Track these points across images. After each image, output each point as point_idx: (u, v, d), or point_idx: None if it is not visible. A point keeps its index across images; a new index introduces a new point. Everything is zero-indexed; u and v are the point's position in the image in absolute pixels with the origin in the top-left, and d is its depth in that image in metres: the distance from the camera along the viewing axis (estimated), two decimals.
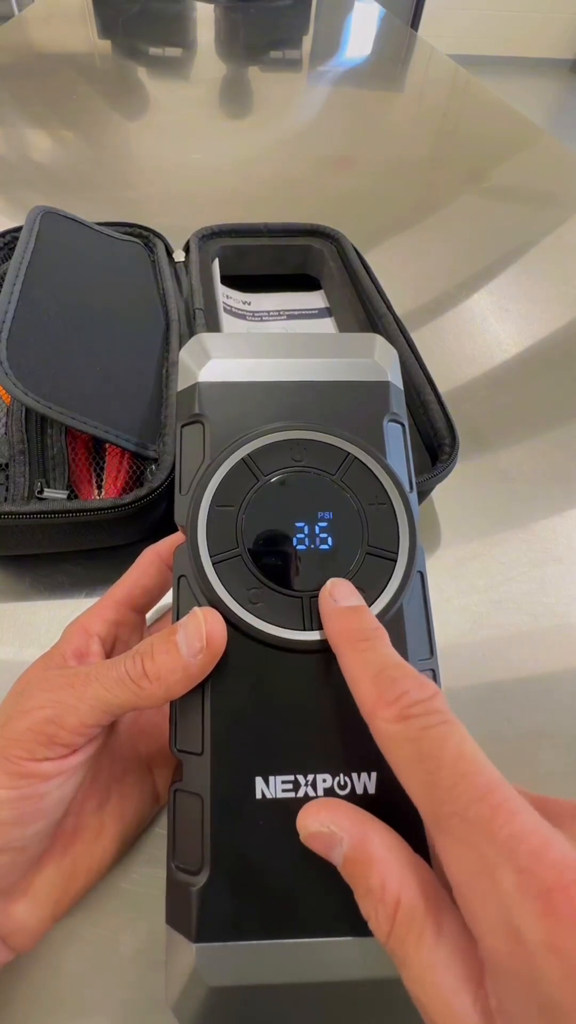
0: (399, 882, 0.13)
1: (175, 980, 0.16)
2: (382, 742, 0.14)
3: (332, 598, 0.18)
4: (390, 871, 0.14)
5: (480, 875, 0.12)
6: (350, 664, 0.16)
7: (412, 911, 0.13)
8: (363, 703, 0.15)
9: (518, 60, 3.49)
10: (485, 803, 0.12)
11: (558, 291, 0.56)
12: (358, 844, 0.14)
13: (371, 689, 0.15)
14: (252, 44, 1.26)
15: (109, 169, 0.72)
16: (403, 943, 0.13)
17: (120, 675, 0.17)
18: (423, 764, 0.13)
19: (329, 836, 0.14)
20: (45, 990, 0.20)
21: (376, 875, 0.14)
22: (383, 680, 0.15)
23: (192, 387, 0.21)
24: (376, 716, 0.14)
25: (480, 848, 0.12)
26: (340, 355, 0.22)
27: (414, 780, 0.13)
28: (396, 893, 0.13)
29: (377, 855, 0.14)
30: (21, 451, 0.32)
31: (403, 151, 0.84)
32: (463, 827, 0.12)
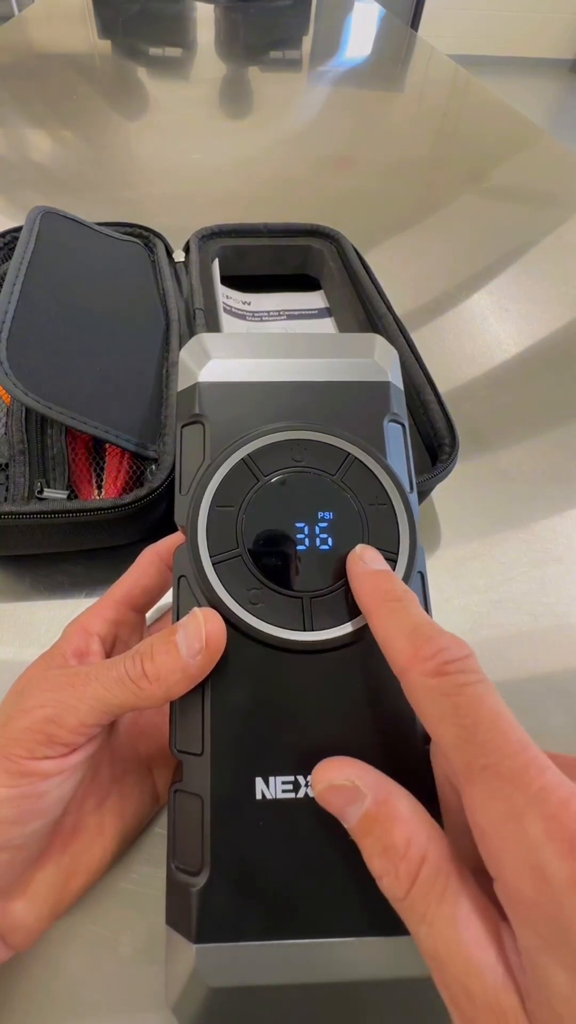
0: (426, 839, 0.14)
1: (175, 981, 0.16)
2: (416, 696, 0.15)
3: (362, 560, 0.18)
4: (416, 829, 0.14)
5: (510, 821, 0.12)
6: (383, 622, 0.16)
7: (437, 868, 0.13)
8: (397, 658, 0.15)
9: (518, 60, 3.49)
10: (518, 759, 0.13)
11: (558, 291, 0.56)
12: (383, 800, 0.14)
13: (406, 645, 0.15)
14: (252, 44, 1.26)
15: (109, 169, 0.72)
16: (425, 898, 0.13)
17: (120, 675, 0.17)
18: (459, 719, 0.14)
19: (352, 790, 0.15)
20: (44, 989, 0.20)
21: (400, 832, 0.14)
22: (419, 636, 0.15)
23: (192, 387, 0.21)
24: (412, 670, 0.15)
25: (512, 798, 0.12)
26: (340, 355, 0.22)
27: (449, 733, 0.14)
28: (422, 850, 0.13)
29: (402, 813, 0.14)
30: (21, 451, 0.32)
31: (403, 151, 0.84)
32: (496, 779, 0.13)
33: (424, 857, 0.13)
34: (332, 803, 0.15)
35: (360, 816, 0.14)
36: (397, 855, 0.13)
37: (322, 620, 0.18)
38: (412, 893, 0.13)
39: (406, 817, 0.14)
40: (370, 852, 0.14)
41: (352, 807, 0.14)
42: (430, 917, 0.13)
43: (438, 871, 0.13)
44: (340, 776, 0.15)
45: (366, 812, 0.14)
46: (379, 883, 0.14)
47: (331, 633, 0.18)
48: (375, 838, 0.14)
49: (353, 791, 0.15)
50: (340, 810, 0.15)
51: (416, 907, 0.13)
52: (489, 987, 0.12)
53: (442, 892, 0.13)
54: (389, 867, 0.14)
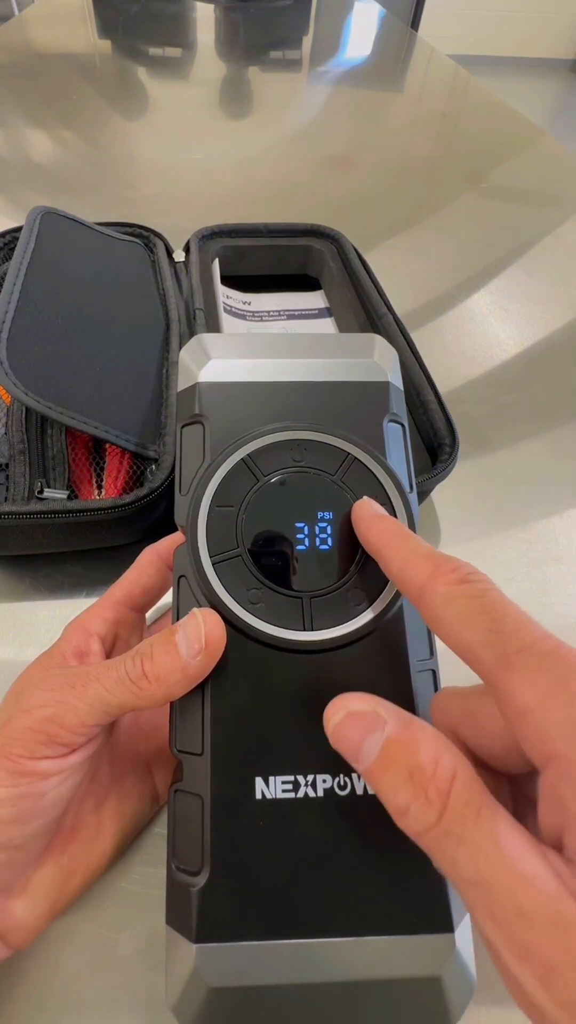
0: (455, 758, 0.13)
1: (175, 981, 0.16)
2: (439, 607, 0.15)
3: (369, 508, 0.19)
4: (443, 748, 0.13)
5: (554, 690, 0.12)
6: (399, 550, 0.17)
7: (469, 786, 0.13)
8: (417, 577, 0.16)
9: (518, 60, 3.49)
10: (549, 641, 0.13)
11: (558, 291, 0.56)
12: (406, 725, 0.14)
13: (426, 564, 0.16)
14: (252, 44, 1.26)
15: (109, 169, 0.72)
16: (461, 818, 0.12)
17: (120, 675, 0.17)
18: (488, 615, 0.14)
19: (372, 716, 0.14)
20: (44, 989, 0.20)
21: (427, 753, 0.13)
22: (437, 557, 0.16)
23: (192, 387, 0.21)
24: (435, 582, 0.15)
25: (554, 670, 0.13)
26: (340, 355, 0.22)
27: (478, 631, 0.14)
28: (451, 767, 0.13)
29: (426, 736, 0.14)
30: (21, 451, 0.32)
31: (403, 151, 0.84)
32: (532, 658, 0.13)
33: (454, 774, 0.13)
34: (350, 735, 0.14)
35: (381, 745, 0.14)
36: (425, 776, 0.13)
37: (322, 620, 0.18)
38: (446, 815, 0.12)
39: (431, 739, 0.13)
40: (393, 785, 0.13)
41: (372, 737, 0.14)
42: (468, 837, 0.12)
43: (470, 788, 0.13)
44: (358, 703, 0.14)
45: (388, 739, 0.14)
46: (403, 820, 0.13)
47: (331, 633, 0.18)
48: (399, 765, 0.13)
49: (373, 717, 0.14)
50: (357, 743, 0.14)
51: (452, 829, 0.12)
52: (545, 898, 0.11)
53: (478, 810, 0.12)
54: (417, 792, 0.13)
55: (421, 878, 0.16)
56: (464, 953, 0.16)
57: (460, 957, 0.16)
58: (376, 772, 0.14)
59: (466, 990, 0.16)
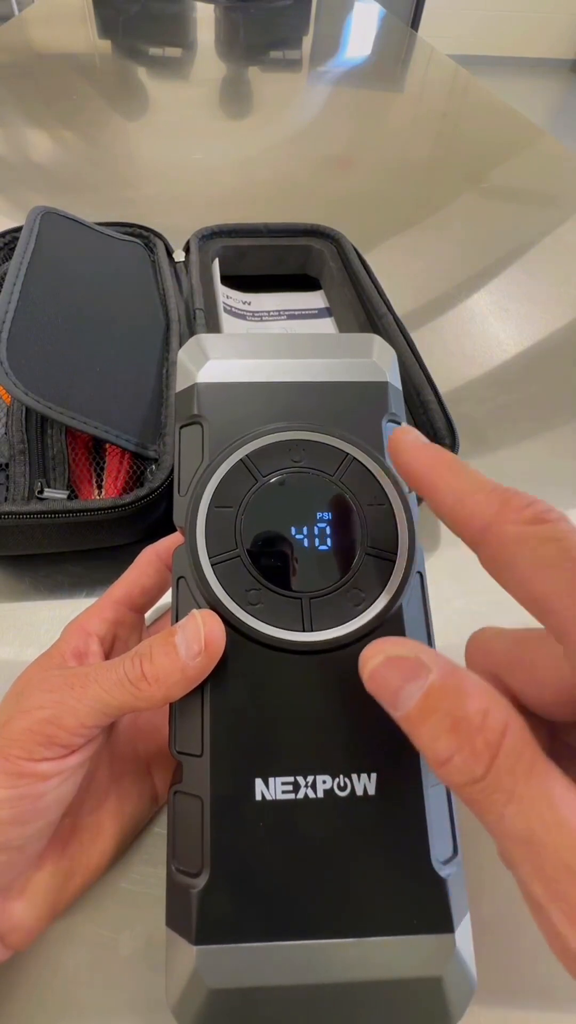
0: (506, 712, 0.12)
1: (175, 982, 0.16)
2: (508, 547, 0.13)
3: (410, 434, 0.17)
4: (494, 701, 0.12)
5: None
6: (453, 484, 0.15)
7: (522, 740, 0.12)
8: (477, 515, 0.14)
9: (518, 60, 3.49)
10: None
11: (558, 291, 0.56)
12: (451, 674, 0.13)
13: (491, 498, 0.14)
14: (252, 44, 1.26)
15: (109, 169, 0.72)
16: (511, 773, 0.11)
17: (119, 677, 0.17)
18: (570, 561, 0.12)
19: (415, 663, 0.13)
20: (44, 990, 0.20)
21: (475, 703, 0.12)
22: (505, 491, 0.14)
23: (191, 388, 0.21)
24: (504, 520, 0.13)
25: None
26: (338, 356, 0.22)
27: (556, 578, 0.12)
28: (503, 721, 0.12)
29: (474, 687, 0.12)
30: (21, 451, 0.32)
31: (403, 151, 0.84)
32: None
33: (506, 727, 0.12)
34: (388, 681, 0.13)
35: (423, 693, 0.12)
36: (472, 727, 0.12)
37: (322, 620, 0.18)
38: (495, 768, 0.11)
39: (480, 691, 0.12)
40: (434, 733, 0.12)
41: (412, 684, 0.13)
42: (520, 793, 0.11)
43: (523, 744, 0.12)
44: (402, 648, 0.13)
45: (431, 687, 0.12)
46: (443, 771, 0.12)
47: (331, 633, 0.18)
48: (442, 714, 0.12)
49: (416, 663, 0.13)
50: (396, 690, 0.13)
51: (502, 784, 0.11)
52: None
53: (531, 765, 0.11)
54: (462, 743, 0.12)
55: (421, 878, 0.16)
56: (464, 953, 0.16)
57: (460, 957, 0.16)
58: (415, 719, 0.13)
59: (466, 990, 0.16)
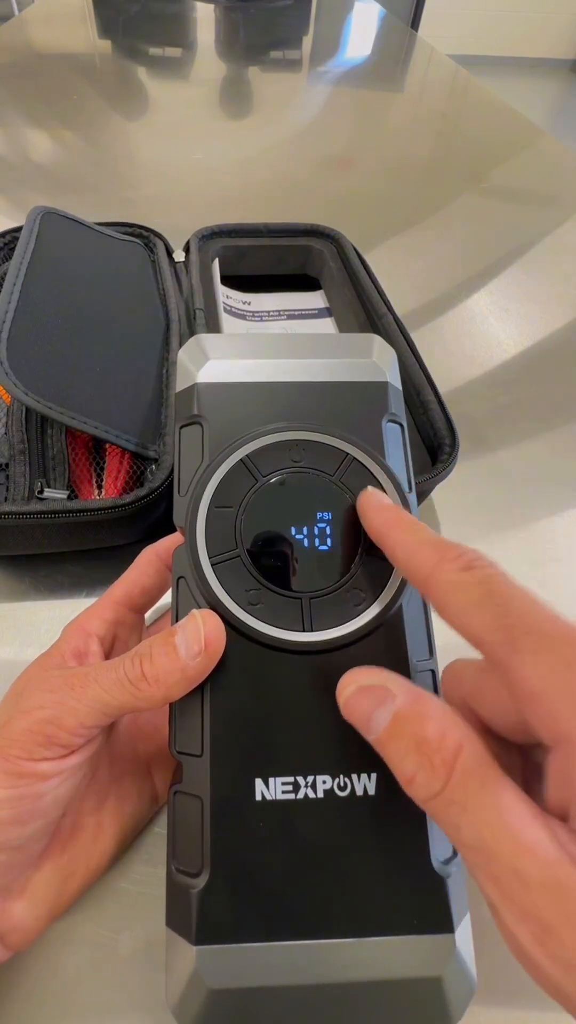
0: (462, 733, 0.13)
1: (175, 982, 0.16)
2: (445, 594, 0.15)
3: (375, 498, 0.19)
4: (450, 724, 0.14)
5: (562, 673, 0.12)
6: (405, 538, 0.17)
7: (475, 757, 0.13)
8: (423, 565, 0.16)
9: (518, 60, 3.49)
10: (557, 622, 0.13)
11: (558, 291, 0.56)
12: (414, 699, 0.14)
13: (432, 552, 0.16)
14: (252, 44, 1.26)
15: (109, 169, 0.72)
16: (464, 787, 0.13)
17: (119, 677, 0.17)
18: (493, 600, 0.14)
19: (382, 691, 0.15)
20: (44, 989, 0.20)
21: (433, 726, 0.14)
22: (443, 545, 0.16)
23: (191, 388, 0.21)
24: (440, 570, 0.15)
25: (559, 651, 0.13)
26: (338, 356, 0.22)
27: (483, 615, 0.14)
28: (458, 741, 0.13)
29: (435, 710, 0.14)
30: (21, 451, 0.32)
31: (403, 151, 0.84)
32: (541, 640, 0.13)
33: (460, 747, 0.13)
34: (360, 707, 0.15)
35: (390, 718, 0.14)
36: (431, 748, 0.13)
37: (321, 620, 0.18)
38: (450, 783, 0.13)
39: (439, 714, 0.14)
40: (401, 755, 0.14)
41: (381, 710, 0.14)
42: (471, 805, 0.12)
43: (476, 761, 0.13)
44: (368, 677, 0.15)
45: (397, 712, 0.14)
46: (409, 788, 0.14)
47: (331, 633, 0.18)
48: (407, 737, 0.14)
49: (383, 691, 0.14)
50: (367, 715, 0.15)
51: (455, 797, 0.13)
52: (544, 863, 0.11)
53: (483, 780, 0.13)
54: (423, 761, 0.13)
55: (421, 879, 0.16)
56: (464, 953, 0.16)
57: (460, 957, 0.16)
58: (385, 741, 0.14)
59: (466, 990, 0.16)
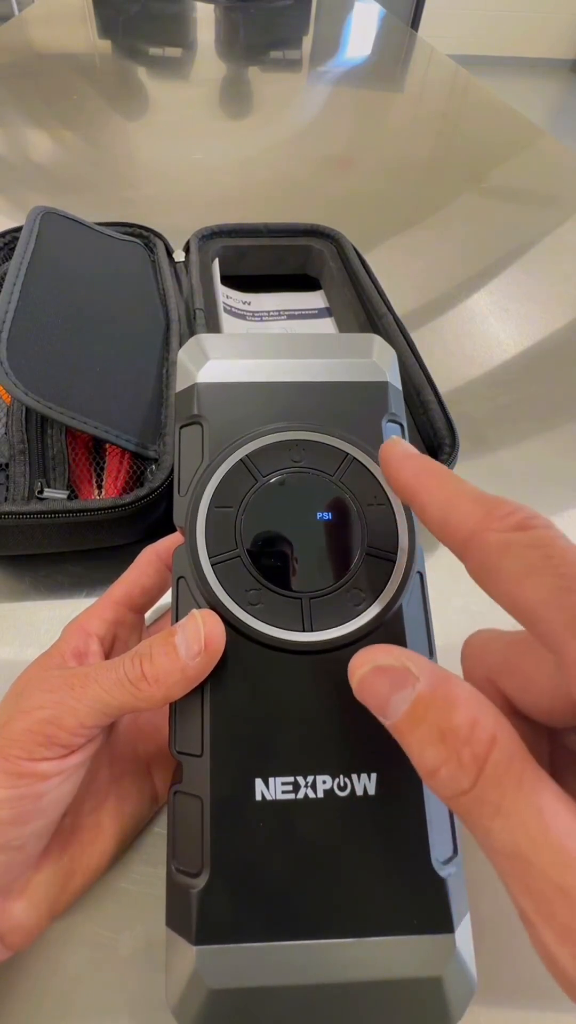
0: (495, 722, 0.12)
1: (175, 982, 0.16)
2: (492, 555, 0.13)
3: (398, 447, 0.17)
4: (483, 710, 0.12)
5: None
6: (441, 490, 0.15)
7: (510, 753, 0.11)
8: (465, 521, 0.14)
9: (518, 60, 3.49)
10: None
11: (558, 291, 0.56)
12: (440, 683, 0.12)
13: (475, 507, 0.14)
14: (252, 44, 1.26)
15: (109, 169, 0.72)
16: (499, 786, 0.11)
17: (119, 677, 0.17)
18: (554, 567, 0.12)
19: (402, 672, 0.13)
20: (44, 990, 0.20)
21: (462, 714, 0.12)
22: (489, 499, 0.14)
23: (190, 388, 0.21)
24: (488, 529, 0.13)
25: None
26: (338, 356, 0.22)
27: (543, 587, 0.12)
28: (491, 732, 0.12)
29: (463, 696, 0.12)
30: (21, 451, 0.32)
31: (403, 151, 0.84)
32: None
33: (494, 739, 0.11)
34: (376, 690, 0.13)
35: (411, 703, 0.12)
36: (459, 739, 0.12)
37: (321, 620, 0.18)
38: (482, 781, 0.11)
39: (468, 700, 0.12)
40: (422, 744, 0.12)
41: (400, 694, 0.13)
42: (507, 807, 0.11)
43: (512, 755, 0.11)
44: (388, 657, 0.13)
45: (419, 697, 0.12)
46: (431, 782, 0.12)
47: (331, 633, 0.18)
48: (430, 724, 0.12)
49: (403, 673, 0.13)
50: (384, 699, 0.13)
51: (488, 797, 0.11)
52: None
53: (519, 779, 0.11)
54: (450, 754, 0.12)
55: (421, 879, 0.16)
56: (464, 953, 0.16)
57: (460, 957, 0.16)
58: (404, 729, 0.13)
59: (467, 990, 0.16)
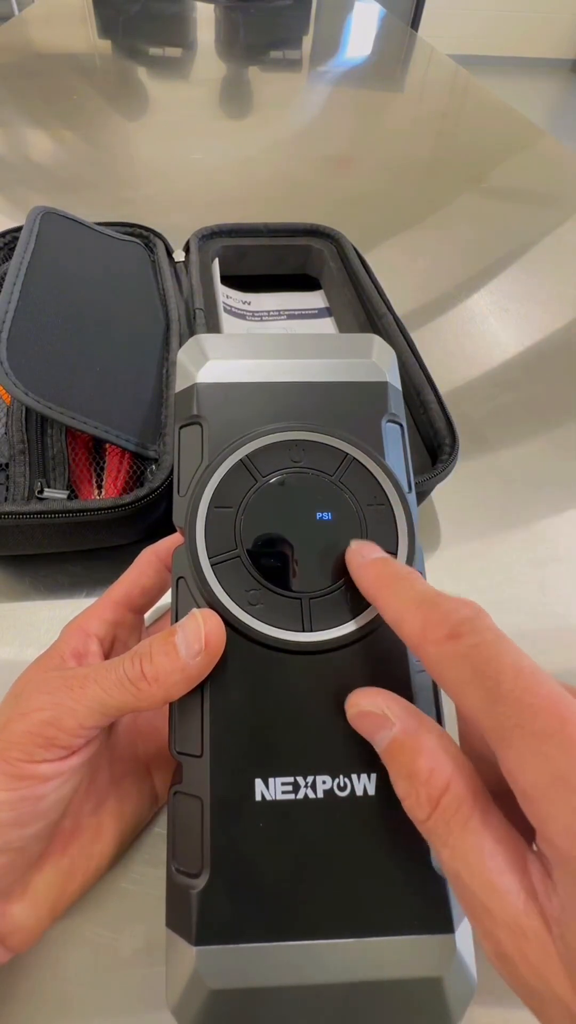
0: (450, 772, 0.14)
1: (175, 983, 0.16)
2: (435, 667, 0.14)
3: (360, 554, 0.18)
4: (441, 761, 0.14)
5: (554, 784, 0.12)
6: (391, 602, 0.16)
7: (459, 799, 0.13)
8: (410, 634, 0.15)
9: (518, 60, 3.49)
10: (553, 715, 0.12)
11: (558, 291, 0.56)
12: (411, 731, 0.15)
13: (416, 617, 0.15)
14: (252, 44, 1.26)
15: (109, 169, 0.72)
16: (447, 825, 0.13)
17: (119, 677, 0.17)
18: (482, 681, 0.13)
19: (381, 718, 0.15)
20: (44, 989, 0.20)
21: (424, 761, 0.14)
22: (427, 606, 0.15)
23: (190, 388, 0.21)
24: (426, 641, 0.15)
25: (554, 759, 0.12)
26: (338, 356, 0.22)
27: (473, 698, 0.13)
28: (445, 780, 0.14)
29: (428, 745, 0.14)
30: (21, 451, 0.32)
31: (403, 151, 0.84)
32: (532, 739, 0.12)
33: (447, 786, 0.14)
34: (362, 727, 0.16)
35: (388, 741, 0.15)
36: (419, 781, 0.14)
37: (321, 620, 0.18)
38: (434, 816, 0.14)
39: (431, 749, 0.14)
40: (396, 775, 0.15)
41: (381, 733, 0.15)
42: (452, 843, 0.13)
43: (461, 801, 0.13)
44: (369, 703, 0.16)
45: (394, 739, 0.15)
46: (403, 804, 0.14)
47: (330, 634, 0.18)
48: (401, 764, 0.15)
49: (382, 719, 0.15)
50: (370, 734, 0.16)
51: (438, 831, 0.13)
52: (511, 910, 0.12)
53: (465, 821, 0.13)
54: (411, 791, 0.14)
55: (421, 879, 0.16)
56: (464, 954, 0.16)
57: (461, 958, 0.16)
58: (386, 759, 0.15)
59: (467, 991, 0.16)
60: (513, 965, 0.12)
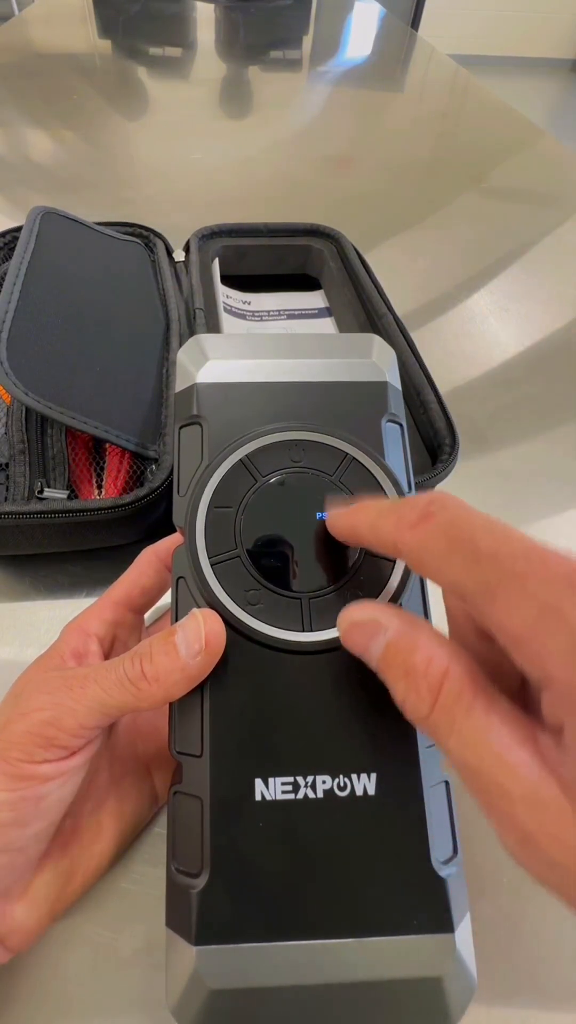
0: (447, 659, 0.14)
1: (175, 982, 0.16)
2: (415, 555, 0.14)
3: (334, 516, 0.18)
4: (437, 649, 0.14)
5: (543, 616, 0.12)
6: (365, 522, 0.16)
7: (460, 683, 0.13)
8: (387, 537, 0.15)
9: (518, 60, 3.49)
10: (531, 558, 0.12)
11: (558, 291, 0.56)
12: (405, 630, 0.15)
13: (389, 518, 0.15)
14: (252, 44, 1.25)
15: (109, 169, 0.72)
16: (450, 712, 0.13)
17: (119, 677, 0.17)
18: (459, 548, 0.13)
19: (373, 625, 0.15)
20: (44, 989, 0.20)
21: (421, 653, 0.14)
22: (396, 506, 0.15)
23: (190, 388, 0.21)
24: (402, 534, 0.15)
25: (541, 594, 0.12)
26: (338, 356, 0.22)
27: (454, 568, 0.13)
28: (443, 667, 0.14)
29: (423, 640, 0.14)
30: (21, 451, 0.32)
31: (403, 151, 0.84)
32: (516, 583, 0.12)
33: (446, 672, 0.13)
34: (356, 641, 0.16)
35: (383, 648, 0.15)
36: (418, 674, 0.14)
37: (321, 620, 0.18)
38: (436, 708, 0.13)
39: (426, 641, 0.14)
40: (395, 679, 0.14)
41: (375, 641, 0.15)
42: (458, 728, 0.13)
43: (462, 685, 0.13)
44: (361, 614, 0.16)
45: (388, 643, 0.15)
46: (404, 709, 0.14)
47: (330, 633, 0.18)
48: (397, 664, 0.14)
49: (374, 625, 0.15)
50: (364, 648, 0.15)
51: (442, 721, 0.13)
52: (526, 781, 0.12)
53: (469, 704, 0.13)
54: (411, 686, 0.14)
55: (421, 879, 0.16)
56: (464, 953, 0.16)
57: (460, 957, 0.16)
58: (382, 668, 0.15)
59: (467, 990, 0.16)
60: (535, 844, 0.12)
